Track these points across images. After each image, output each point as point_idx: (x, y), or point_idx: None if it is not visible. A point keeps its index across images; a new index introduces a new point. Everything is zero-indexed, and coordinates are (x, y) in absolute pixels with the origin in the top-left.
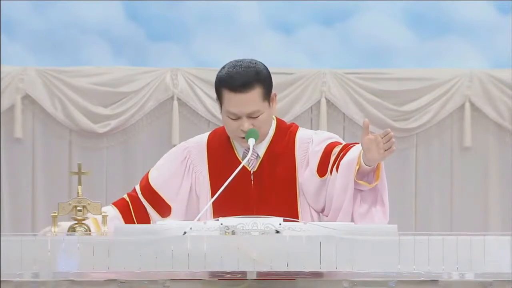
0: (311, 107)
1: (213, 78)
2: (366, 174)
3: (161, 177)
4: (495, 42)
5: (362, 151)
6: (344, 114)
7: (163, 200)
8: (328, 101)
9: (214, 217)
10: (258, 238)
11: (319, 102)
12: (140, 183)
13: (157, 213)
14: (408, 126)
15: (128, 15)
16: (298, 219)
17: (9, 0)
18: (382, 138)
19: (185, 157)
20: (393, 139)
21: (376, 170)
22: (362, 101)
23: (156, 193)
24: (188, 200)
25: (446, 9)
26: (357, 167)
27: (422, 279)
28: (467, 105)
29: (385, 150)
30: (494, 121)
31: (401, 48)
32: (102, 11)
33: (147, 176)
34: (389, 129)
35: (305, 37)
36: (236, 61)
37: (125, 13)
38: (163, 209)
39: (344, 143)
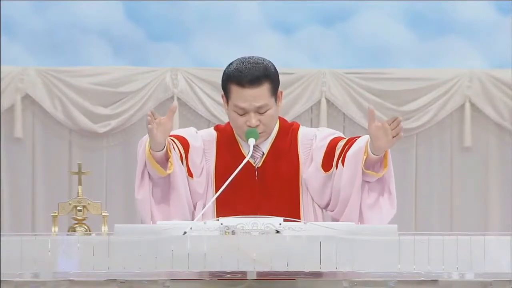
0: (311, 107)
1: (213, 78)
2: (373, 164)
3: (187, 132)
4: (495, 42)
5: (369, 140)
6: (344, 114)
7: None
8: (328, 101)
9: (217, 210)
10: (258, 238)
11: (319, 102)
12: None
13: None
14: (408, 126)
15: (128, 15)
16: (300, 214)
17: (9, 0)
18: (390, 124)
19: (202, 140)
20: (401, 125)
21: (383, 159)
22: (362, 101)
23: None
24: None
25: (446, 9)
26: (365, 157)
27: (422, 279)
28: (467, 105)
29: (393, 137)
30: (494, 121)
31: (401, 48)
32: (102, 11)
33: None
34: (397, 115)
35: (305, 37)
36: (244, 57)
37: (125, 13)
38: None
39: (347, 138)
